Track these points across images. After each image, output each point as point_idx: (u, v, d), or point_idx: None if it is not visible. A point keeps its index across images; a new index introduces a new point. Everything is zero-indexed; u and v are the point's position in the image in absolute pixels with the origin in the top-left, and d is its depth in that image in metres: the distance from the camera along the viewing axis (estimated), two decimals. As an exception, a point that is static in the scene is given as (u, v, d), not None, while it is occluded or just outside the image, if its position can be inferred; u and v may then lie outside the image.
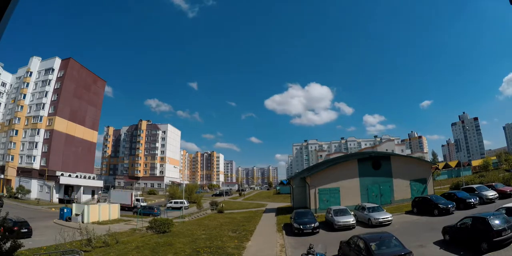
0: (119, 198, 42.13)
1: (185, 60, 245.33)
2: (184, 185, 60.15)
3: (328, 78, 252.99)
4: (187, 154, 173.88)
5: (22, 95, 59.11)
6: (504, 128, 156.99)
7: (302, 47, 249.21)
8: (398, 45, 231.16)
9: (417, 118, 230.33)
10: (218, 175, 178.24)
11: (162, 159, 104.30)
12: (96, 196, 55.35)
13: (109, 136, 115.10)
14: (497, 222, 11.92)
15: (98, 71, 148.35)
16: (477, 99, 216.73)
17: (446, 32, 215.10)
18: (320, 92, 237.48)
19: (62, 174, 53.55)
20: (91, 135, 66.93)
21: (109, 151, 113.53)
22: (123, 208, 35.93)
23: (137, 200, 42.68)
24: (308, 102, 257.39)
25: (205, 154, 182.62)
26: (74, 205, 30.72)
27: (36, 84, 60.33)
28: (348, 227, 19.23)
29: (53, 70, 60.10)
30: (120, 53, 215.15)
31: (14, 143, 56.57)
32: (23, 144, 57.15)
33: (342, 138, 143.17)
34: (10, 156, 55.57)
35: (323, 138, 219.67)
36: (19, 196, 46.65)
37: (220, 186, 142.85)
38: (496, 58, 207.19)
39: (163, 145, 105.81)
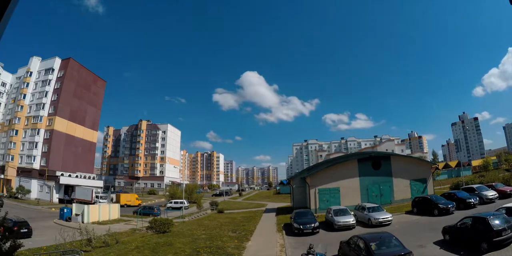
0: (82, 195, 45.96)
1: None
2: (184, 185, 60.12)
3: (269, 69, 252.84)
4: (187, 154, 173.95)
5: (22, 95, 59.11)
6: (504, 128, 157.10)
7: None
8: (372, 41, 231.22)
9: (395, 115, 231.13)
10: (218, 175, 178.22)
11: (162, 159, 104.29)
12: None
13: (109, 136, 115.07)
14: (497, 222, 11.93)
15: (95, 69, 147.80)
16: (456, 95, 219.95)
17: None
18: (258, 84, 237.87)
19: (62, 174, 53.55)
20: (91, 135, 66.93)
21: (109, 151, 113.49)
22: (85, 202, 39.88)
23: (97, 197, 47.00)
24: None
25: (205, 154, 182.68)
26: (74, 205, 30.74)
27: (36, 84, 60.33)
28: (348, 227, 19.22)
29: (53, 70, 60.10)
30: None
31: (14, 143, 56.56)
32: (23, 144, 57.15)
33: (342, 138, 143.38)
34: (10, 156, 55.57)
35: (321, 138, 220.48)
36: (19, 196, 46.64)
37: (220, 186, 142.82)
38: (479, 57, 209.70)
39: (163, 145, 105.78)
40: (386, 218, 19.35)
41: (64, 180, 51.94)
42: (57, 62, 61.11)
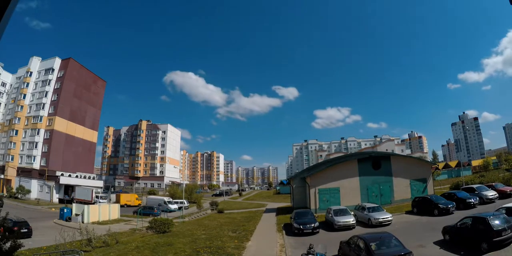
0: (82, 195, 46.29)
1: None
2: (184, 185, 60.17)
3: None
4: (187, 154, 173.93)
5: (22, 95, 59.11)
6: (504, 128, 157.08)
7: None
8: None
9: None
10: (218, 175, 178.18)
11: (162, 159, 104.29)
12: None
13: (109, 136, 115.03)
14: (497, 222, 11.93)
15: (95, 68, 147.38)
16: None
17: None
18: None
19: (62, 174, 53.52)
20: (91, 135, 66.92)
21: (109, 151, 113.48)
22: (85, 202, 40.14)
23: (97, 197, 47.31)
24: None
25: (205, 154, 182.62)
26: (74, 205, 30.75)
27: (36, 84, 60.32)
28: (348, 227, 19.22)
29: (53, 70, 60.10)
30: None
31: (14, 143, 56.56)
32: (23, 144, 57.14)
33: (342, 138, 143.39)
34: (10, 156, 55.57)
35: (322, 138, 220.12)
36: (19, 196, 46.61)
37: (220, 186, 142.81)
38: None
39: (163, 145, 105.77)
40: (386, 218, 19.35)
41: (64, 180, 51.91)
42: (57, 62, 61.10)
